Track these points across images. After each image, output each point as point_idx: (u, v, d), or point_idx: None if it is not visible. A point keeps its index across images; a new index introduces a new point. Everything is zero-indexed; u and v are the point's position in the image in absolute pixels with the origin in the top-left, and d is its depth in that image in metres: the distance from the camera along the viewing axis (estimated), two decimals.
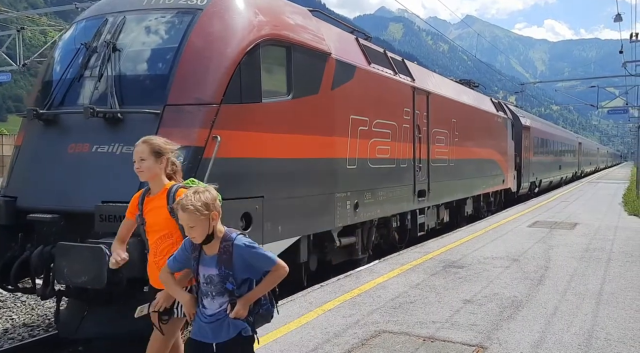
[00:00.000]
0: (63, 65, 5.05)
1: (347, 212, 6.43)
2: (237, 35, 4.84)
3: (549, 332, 4.15)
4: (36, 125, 4.86)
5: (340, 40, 6.72)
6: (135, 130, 4.27)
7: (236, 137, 4.69)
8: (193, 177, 3.85)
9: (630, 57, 29.61)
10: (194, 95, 4.54)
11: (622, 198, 17.52)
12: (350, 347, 3.82)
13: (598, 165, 57.12)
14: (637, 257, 7.32)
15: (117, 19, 4.96)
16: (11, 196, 4.71)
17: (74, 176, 4.49)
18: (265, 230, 5.00)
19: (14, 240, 4.58)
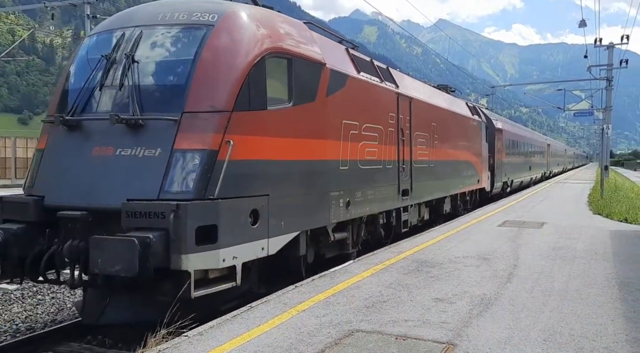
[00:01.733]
0: (84, 76, 5.44)
1: (340, 210, 6.92)
2: (245, 49, 5.33)
3: (517, 329, 4.28)
4: (60, 130, 5.26)
5: (333, 50, 7.22)
6: (155, 135, 4.86)
7: (245, 141, 5.12)
8: (209, 176, 4.71)
9: (595, 61, 30.61)
10: (208, 103, 4.98)
11: (588, 199, 18.10)
12: (324, 347, 3.86)
13: (565, 166, 58.75)
14: (602, 255, 7.59)
15: (135, 32, 5.41)
16: (38, 195, 5.12)
17: (99, 176, 4.92)
18: (270, 226, 5.39)
19: (41, 235, 4.97)
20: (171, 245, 4.42)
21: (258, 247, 5.24)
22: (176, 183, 4.75)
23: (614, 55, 30.20)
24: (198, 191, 4.72)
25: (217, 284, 4.85)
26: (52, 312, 6.49)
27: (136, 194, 4.67)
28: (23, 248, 4.92)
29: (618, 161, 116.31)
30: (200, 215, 4.60)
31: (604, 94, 33.29)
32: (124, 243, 4.25)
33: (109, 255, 4.29)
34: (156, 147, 4.85)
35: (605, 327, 4.35)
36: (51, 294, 7.24)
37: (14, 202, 5.29)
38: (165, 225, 4.39)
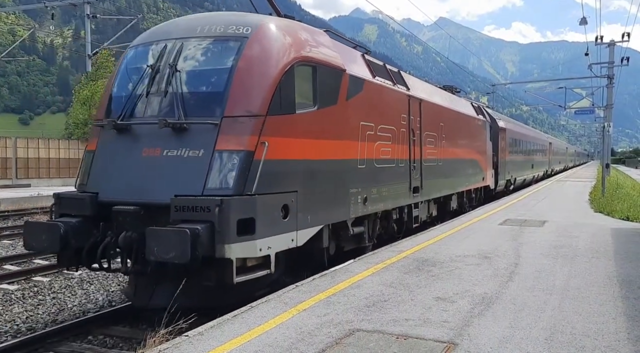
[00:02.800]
0: (131, 84, 5.98)
1: (359, 205, 7.43)
2: (276, 59, 5.82)
3: (518, 327, 4.27)
4: (110, 133, 5.76)
5: (351, 57, 7.71)
6: (198, 138, 5.38)
7: (277, 142, 5.61)
8: (247, 174, 5.24)
9: (595, 59, 30.54)
10: (245, 108, 5.49)
11: (589, 197, 18.07)
12: (325, 346, 3.85)
13: (567, 164, 58.67)
14: (603, 253, 7.58)
15: (176, 44, 5.92)
16: (93, 192, 5.63)
17: (148, 175, 5.43)
18: (298, 220, 5.89)
19: (96, 228, 5.48)
20: (216, 236, 4.90)
21: (288, 238, 5.75)
22: (218, 180, 5.24)
23: (614, 53, 30.14)
24: (237, 188, 5.21)
25: (254, 272, 5.35)
26: (53, 312, 6.49)
27: (182, 191, 5.19)
28: (80, 239, 5.40)
29: (619, 159, 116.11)
30: (241, 209, 5.09)
31: (605, 91, 33.24)
32: (178, 233, 4.73)
33: (164, 244, 4.77)
34: (199, 148, 5.36)
35: (607, 325, 4.33)
36: (52, 295, 7.24)
37: (71, 198, 5.79)
38: (211, 218, 4.89)
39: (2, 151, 24.15)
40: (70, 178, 26.51)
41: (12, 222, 14.80)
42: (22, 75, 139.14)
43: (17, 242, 11.44)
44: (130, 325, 6.03)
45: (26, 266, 8.96)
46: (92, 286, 7.71)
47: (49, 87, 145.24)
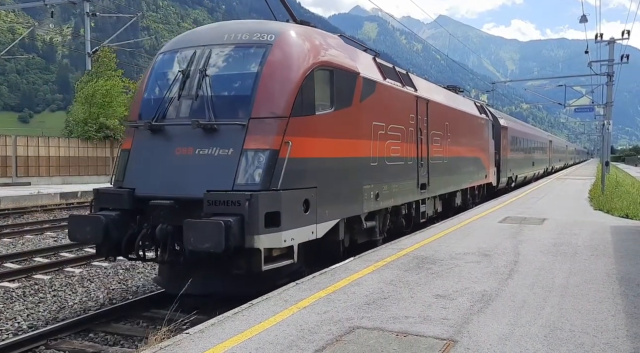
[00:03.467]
0: (163, 87, 6.40)
1: (371, 201, 7.82)
2: (297, 64, 6.22)
3: (517, 325, 4.29)
4: (144, 133, 6.20)
5: (363, 60, 8.07)
6: (227, 138, 5.80)
7: (299, 141, 6.00)
8: (272, 171, 5.62)
9: (595, 57, 30.52)
10: (270, 110, 5.89)
11: (588, 194, 18.09)
12: (325, 343, 3.86)
13: (567, 162, 58.70)
14: (602, 250, 7.60)
15: (205, 51, 6.33)
16: (129, 187, 6.05)
17: (182, 172, 5.85)
18: (317, 214, 6.28)
19: (132, 221, 5.93)
20: (246, 228, 5.30)
21: (309, 231, 6.15)
22: (246, 177, 5.67)
23: (614, 50, 30.12)
24: (264, 184, 5.62)
25: (279, 261, 5.78)
26: (54, 309, 6.51)
27: (213, 186, 5.60)
28: (119, 231, 5.84)
29: (619, 157, 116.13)
30: (268, 203, 5.49)
31: (604, 89, 33.21)
32: (213, 225, 5.13)
33: (200, 235, 5.16)
34: (229, 147, 5.79)
35: (606, 322, 4.35)
36: (52, 292, 7.26)
37: (109, 194, 6.22)
38: (241, 212, 5.29)
39: (2, 149, 24.14)
40: (71, 176, 26.50)
41: (12, 220, 14.81)
42: (22, 73, 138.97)
43: (17, 240, 11.46)
44: (131, 322, 6.06)
45: (27, 264, 8.98)
46: (93, 284, 7.73)
47: (49, 85, 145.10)
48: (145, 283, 7.80)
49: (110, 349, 5.20)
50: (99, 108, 27.44)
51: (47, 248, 10.11)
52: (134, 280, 7.97)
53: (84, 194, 20.89)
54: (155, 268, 8.76)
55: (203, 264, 5.63)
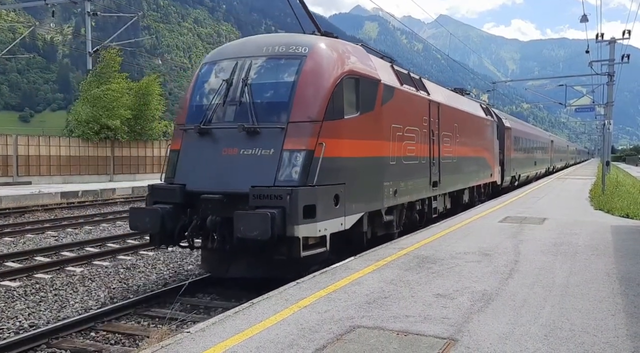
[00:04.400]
0: (209, 95, 7.15)
1: (390, 197, 8.50)
2: (328, 73, 6.93)
3: (517, 324, 4.29)
4: (192, 135, 6.94)
5: (383, 68, 8.74)
6: (268, 139, 6.51)
7: (331, 143, 6.67)
8: (308, 169, 6.34)
9: (596, 56, 30.50)
10: (306, 115, 6.60)
11: (589, 194, 18.09)
12: (325, 342, 3.87)
13: (568, 162, 58.71)
14: (602, 250, 7.60)
15: (246, 62, 7.06)
16: (180, 183, 6.80)
17: (228, 170, 6.57)
18: (346, 207, 6.96)
19: (183, 213, 6.65)
20: (287, 219, 6.01)
21: (338, 222, 6.82)
22: (286, 174, 6.37)
23: (615, 50, 30.09)
24: (302, 180, 6.33)
25: (314, 249, 6.44)
26: (55, 308, 6.52)
27: (257, 182, 6.30)
28: (172, 222, 6.57)
29: (619, 156, 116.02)
30: (306, 197, 6.17)
31: (605, 89, 33.19)
32: (261, 215, 5.84)
33: (249, 224, 5.86)
34: (270, 148, 6.49)
35: (606, 322, 4.36)
36: (54, 291, 7.27)
37: (163, 189, 6.97)
38: (283, 204, 6.00)
39: (2, 148, 24.15)
40: (71, 176, 26.51)
41: (13, 220, 14.83)
42: (23, 72, 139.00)
43: (18, 239, 11.48)
44: (133, 321, 6.07)
45: (28, 263, 8.99)
46: (94, 283, 7.74)
47: (49, 84, 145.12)
48: (147, 283, 7.81)
49: (111, 348, 5.21)
50: (103, 110, 27.40)
51: (48, 248, 10.12)
52: (134, 279, 7.98)
53: (85, 194, 20.91)
54: (155, 267, 8.78)
55: (246, 251, 6.27)
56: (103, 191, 21.84)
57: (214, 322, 4.40)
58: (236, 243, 6.13)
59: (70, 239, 11.61)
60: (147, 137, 30.57)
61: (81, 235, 12.20)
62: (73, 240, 11.45)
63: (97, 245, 10.70)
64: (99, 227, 13.51)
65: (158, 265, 8.92)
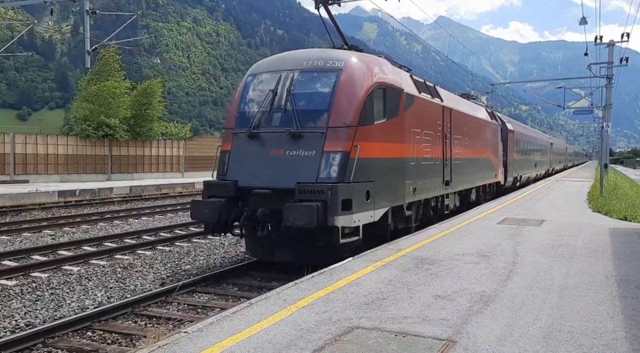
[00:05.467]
0: (256, 103, 8.10)
1: (410, 194, 9.42)
2: (361, 85, 7.86)
3: (516, 326, 4.28)
4: (242, 138, 7.92)
5: (404, 77, 9.64)
6: (310, 142, 7.45)
7: (364, 145, 7.57)
8: (345, 168, 7.29)
9: (594, 59, 30.55)
10: (343, 121, 7.53)
11: (587, 196, 18.10)
12: (323, 343, 3.86)
13: (566, 164, 58.88)
14: (601, 253, 7.60)
15: (289, 74, 8.01)
16: (233, 180, 7.76)
17: (276, 168, 7.50)
18: (375, 202, 7.83)
19: (235, 206, 7.64)
20: (328, 210, 6.90)
21: (369, 215, 7.72)
22: (326, 172, 7.29)
23: (613, 53, 30.14)
24: (340, 177, 7.25)
25: (350, 237, 7.31)
26: (52, 308, 6.49)
27: (301, 179, 7.21)
28: (226, 213, 7.54)
29: (617, 159, 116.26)
30: (344, 193, 7.08)
31: (603, 91, 33.24)
32: (309, 207, 6.76)
33: (298, 215, 6.76)
34: (312, 150, 7.43)
35: (605, 324, 4.35)
36: (50, 291, 7.24)
37: (218, 185, 7.95)
38: (324, 198, 6.90)
39: (0, 147, 24.08)
40: (69, 174, 26.43)
41: (10, 218, 14.78)
42: (21, 70, 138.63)
43: (15, 238, 11.44)
44: (130, 320, 6.05)
45: (24, 262, 8.95)
46: (91, 282, 7.71)
47: (47, 82, 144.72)
48: (144, 282, 7.78)
49: (108, 348, 5.18)
50: (102, 107, 27.31)
51: (44, 246, 10.08)
52: (131, 279, 7.95)
53: (82, 192, 20.86)
54: (153, 266, 8.75)
55: (291, 239, 7.16)
56: (100, 190, 21.78)
57: (212, 322, 4.38)
58: (283, 231, 7.01)
59: (67, 238, 11.58)
60: (145, 136, 30.51)
61: (78, 234, 12.16)
62: (70, 239, 11.41)
63: (94, 244, 10.67)
64: (96, 226, 13.47)
65: (155, 265, 8.89)
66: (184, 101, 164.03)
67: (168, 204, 18.73)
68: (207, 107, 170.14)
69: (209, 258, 9.48)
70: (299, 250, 7.45)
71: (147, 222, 14.46)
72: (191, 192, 24.18)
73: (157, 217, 15.37)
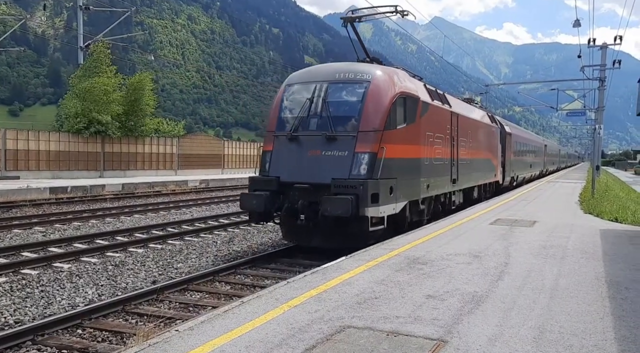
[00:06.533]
0: (294, 109, 9.23)
1: (424, 190, 10.55)
2: (386, 94, 8.99)
3: (507, 326, 4.30)
4: (282, 139, 9.05)
5: (419, 87, 10.77)
6: (343, 144, 8.57)
7: (389, 147, 8.70)
8: (373, 167, 8.38)
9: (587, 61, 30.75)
10: (371, 126, 8.62)
11: (579, 198, 18.23)
12: (315, 342, 3.85)
13: (559, 165, 59.48)
14: (591, 253, 7.65)
15: (323, 85, 9.11)
16: (276, 176, 8.89)
17: (313, 166, 8.66)
18: (396, 196, 9.03)
19: (277, 199, 8.75)
20: (359, 202, 8.01)
21: (392, 207, 8.91)
22: (357, 170, 8.40)
23: (606, 55, 30.35)
24: (369, 174, 8.37)
25: (377, 226, 8.49)
26: (42, 305, 6.44)
27: (335, 176, 8.34)
28: (270, 204, 8.67)
29: (609, 161, 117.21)
30: (372, 187, 8.21)
31: (596, 94, 33.47)
32: (345, 199, 7.91)
33: (335, 206, 7.92)
34: (345, 151, 8.54)
35: (595, 324, 4.38)
36: (40, 288, 7.18)
37: (262, 180, 9.04)
38: (357, 192, 8.04)
39: None
40: (60, 171, 26.24)
41: (0, 214, 14.64)
42: (13, 66, 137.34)
43: (5, 234, 11.33)
44: (120, 318, 6.01)
45: (14, 258, 8.87)
46: (82, 279, 7.65)
47: (40, 78, 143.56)
48: (135, 280, 7.74)
49: (98, 345, 5.14)
50: (93, 103, 27.10)
51: (35, 243, 10.00)
52: (123, 277, 7.90)
53: (74, 189, 20.72)
54: (145, 264, 8.71)
55: (327, 227, 8.26)
56: (92, 187, 21.65)
57: (203, 320, 4.36)
58: (321, 220, 8.15)
59: (58, 235, 11.50)
60: (138, 133, 30.31)
61: (69, 231, 12.08)
62: (61, 235, 11.33)
63: (86, 241, 10.60)
64: (87, 223, 13.38)
65: (147, 263, 8.85)
66: (177, 98, 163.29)
67: (161, 202, 18.64)
68: (201, 105, 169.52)
69: (202, 257, 9.45)
70: (333, 237, 8.61)
71: (139, 219, 14.39)
72: (184, 190, 24.09)
73: (150, 215, 15.29)
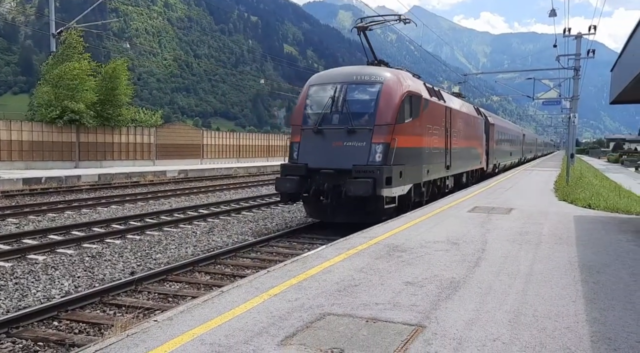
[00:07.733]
0: (318, 106, 10.86)
1: (425, 175, 12.27)
2: (396, 94, 10.64)
3: (483, 310, 4.39)
4: (309, 133, 10.69)
5: (420, 85, 12.38)
6: (362, 136, 10.24)
7: (399, 138, 10.36)
8: (387, 155, 10.13)
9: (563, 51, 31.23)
10: (385, 121, 10.28)
11: (554, 185, 18.62)
12: (295, 330, 3.87)
13: (536, 154, 60.97)
14: (565, 239, 7.84)
15: (343, 86, 10.78)
16: (304, 163, 10.55)
17: (337, 155, 10.28)
18: (405, 180, 10.69)
19: (306, 182, 10.43)
20: (376, 184, 9.70)
21: (401, 189, 10.62)
22: (374, 157, 10.08)
23: (581, 45, 30.87)
24: (383, 161, 10.07)
25: (390, 205, 10.22)
26: (16, 297, 6.31)
27: (356, 162, 10.03)
28: (300, 187, 10.38)
29: (583, 149, 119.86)
30: (387, 172, 9.90)
31: (571, 83, 34.08)
32: (366, 181, 9.62)
33: (357, 187, 9.59)
34: (363, 141, 10.21)
35: (567, 308, 4.50)
36: (14, 280, 7.03)
37: (292, 166, 10.70)
38: (374, 176, 9.73)
39: None
40: (34, 161, 25.59)
41: None
42: None
43: None
44: (98, 310, 5.93)
45: None
46: (57, 271, 7.52)
47: (11, 66, 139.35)
48: (113, 272, 7.64)
49: (75, 337, 5.07)
50: (66, 90, 26.40)
51: (8, 235, 9.76)
52: (100, 268, 7.79)
53: (49, 180, 20.26)
54: (122, 255, 8.60)
55: (348, 205, 10.04)
56: (68, 178, 21.20)
57: (182, 310, 4.33)
58: (344, 199, 9.87)
59: (33, 227, 11.25)
60: (114, 122, 29.72)
61: (44, 223, 11.83)
62: (35, 227, 11.09)
63: (61, 232, 10.40)
64: (63, 214, 13.13)
65: (125, 254, 8.74)
66: (155, 88, 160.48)
67: (139, 193, 18.38)
68: (179, 94, 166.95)
69: (181, 248, 9.37)
70: (354, 214, 10.24)
71: (116, 210, 14.17)
72: (162, 181, 23.78)
73: (127, 206, 15.08)
